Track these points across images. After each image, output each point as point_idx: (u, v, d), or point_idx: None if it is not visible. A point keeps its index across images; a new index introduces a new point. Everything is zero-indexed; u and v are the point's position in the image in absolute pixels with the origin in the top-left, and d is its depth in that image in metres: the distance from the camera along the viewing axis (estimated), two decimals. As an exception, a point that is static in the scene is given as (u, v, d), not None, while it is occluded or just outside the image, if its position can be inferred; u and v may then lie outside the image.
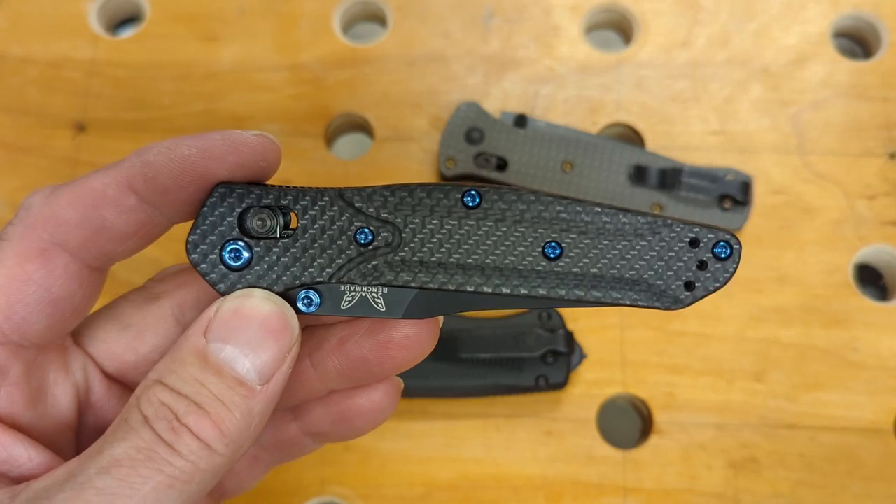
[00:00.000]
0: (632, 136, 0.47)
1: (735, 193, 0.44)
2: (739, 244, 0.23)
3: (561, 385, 0.41)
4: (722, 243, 0.23)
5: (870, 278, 0.46)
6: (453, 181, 0.45)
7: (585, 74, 0.47)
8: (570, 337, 0.41)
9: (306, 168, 0.46)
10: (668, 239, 0.23)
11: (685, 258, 0.23)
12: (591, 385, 0.42)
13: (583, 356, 0.42)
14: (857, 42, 0.50)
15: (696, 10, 0.48)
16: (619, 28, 0.50)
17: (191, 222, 0.24)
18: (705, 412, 0.42)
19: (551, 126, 0.45)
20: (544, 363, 0.41)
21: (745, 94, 0.47)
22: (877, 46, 0.48)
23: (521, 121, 0.45)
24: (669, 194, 0.44)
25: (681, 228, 0.23)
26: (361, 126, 0.48)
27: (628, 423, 0.43)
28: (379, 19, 0.50)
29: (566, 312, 0.43)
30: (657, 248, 0.23)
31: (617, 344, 0.43)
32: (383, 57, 0.48)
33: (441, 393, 0.41)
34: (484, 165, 0.44)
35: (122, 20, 0.51)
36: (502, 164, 0.44)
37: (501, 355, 0.41)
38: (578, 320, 0.43)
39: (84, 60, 0.48)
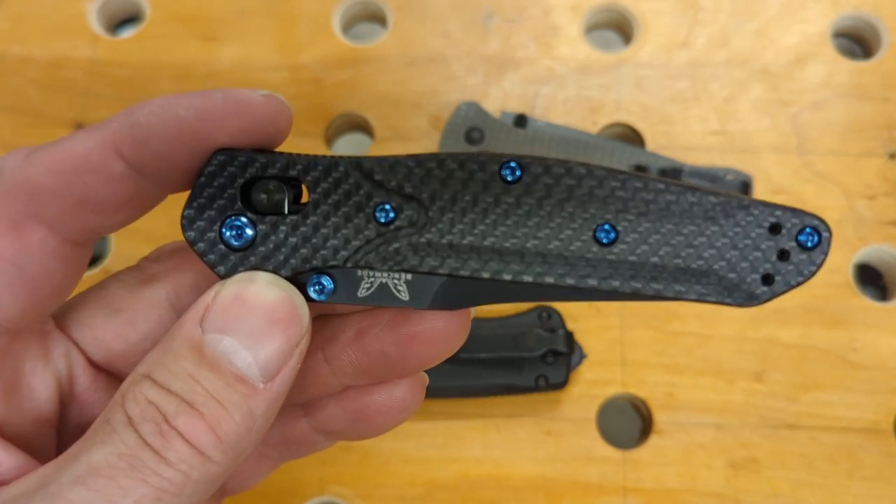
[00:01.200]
0: (632, 136, 0.47)
1: (735, 193, 0.44)
2: (829, 231, 0.20)
3: (561, 385, 0.41)
4: (808, 229, 0.20)
5: (870, 278, 0.46)
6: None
7: (585, 74, 0.47)
8: (570, 337, 0.41)
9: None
10: (743, 223, 0.20)
11: (763, 247, 0.20)
12: (591, 385, 0.42)
13: (583, 356, 0.42)
14: (857, 42, 0.50)
15: (696, 10, 0.48)
16: (619, 28, 0.50)
17: (187, 193, 0.21)
18: (705, 412, 0.42)
19: (551, 126, 0.45)
20: (544, 363, 0.41)
21: (745, 94, 0.47)
22: (877, 46, 0.48)
23: (521, 121, 0.45)
24: (669, 194, 0.44)
25: (759, 211, 0.20)
26: (361, 126, 0.48)
27: (628, 423, 0.43)
28: (379, 19, 0.50)
29: (566, 312, 0.43)
30: (731, 235, 0.20)
31: (617, 344, 0.43)
32: (383, 57, 0.48)
33: (441, 393, 0.41)
34: (484, 165, 0.44)
35: (122, 20, 0.51)
36: (502, 164, 0.44)
37: (501, 355, 0.41)
38: (578, 320, 0.43)
39: (84, 60, 0.48)
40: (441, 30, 0.48)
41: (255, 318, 0.20)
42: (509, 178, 0.20)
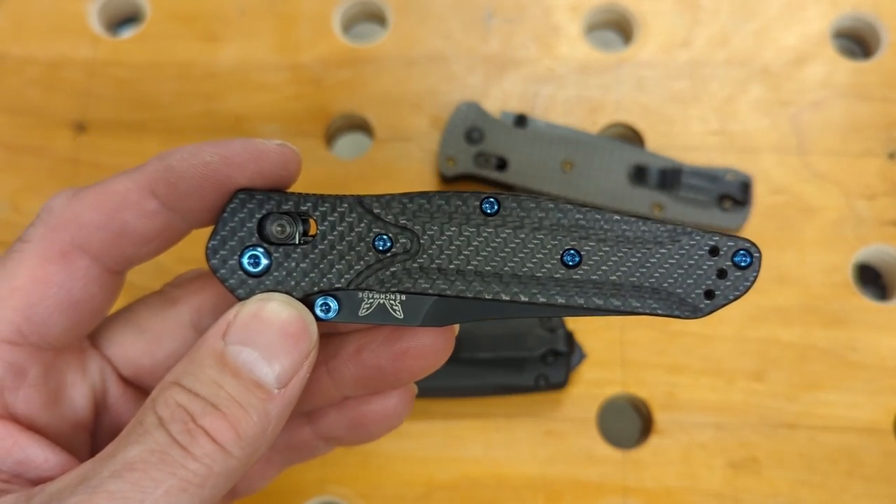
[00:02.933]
0: (632, 136, 0.47)
1: (735, 193, 0.44)
2: (759, 252, 0.23)
3: (561, 385, 0.41)
4: (742, 252, 0.23)
5: (870, 278, 0.46)
6: (453, 181, 0.45)
7: (585, 74, 0.47)
8: (570, 337, 0.41)
9: (306, 168, 0.45)
10: (687, 247, 0.23)
11: (705, 266, 0.23)
12: (591, 385, 0.42)
13: (583, 356, 0.42)
14: (856, 42, 0.50)
15: (696, 10, 0.48)
16: (619, 28, 0.50)
17: (210, 228, 0.24)
18: (705, 412, 0.42)
19: (551, 126, 0.46)
20: (544, 363, 0.41)
21: (745, 94, 0.47)
22: (876, 46, 0.48)
23: (521, 121, 0.45)
24: (669, 194, 0.44)
25: (700, 237, 0.23)
26: (361, 126, 0.48)
27: (628, 423, 0.43)
28: (379, 19, 0.50)
29: (566, 312, 0.43)
30: (677, 257, 0.23)
31: (617, 344, 0.43)
32: (383, 57, 0.48)
33: (441, 393, 0.41)
34: (484, 165, 0.44)
35: (122, 20, 0.51)
36: (502, 164, 0.44)
37: (501, 355, 0.41)
38: (578, 320, 0.43)
39: (84, 60, 0.48)
40: (441, 30, 0.48)
41: (271, 333, 0.22)
42: (488, 211, 0.23)
